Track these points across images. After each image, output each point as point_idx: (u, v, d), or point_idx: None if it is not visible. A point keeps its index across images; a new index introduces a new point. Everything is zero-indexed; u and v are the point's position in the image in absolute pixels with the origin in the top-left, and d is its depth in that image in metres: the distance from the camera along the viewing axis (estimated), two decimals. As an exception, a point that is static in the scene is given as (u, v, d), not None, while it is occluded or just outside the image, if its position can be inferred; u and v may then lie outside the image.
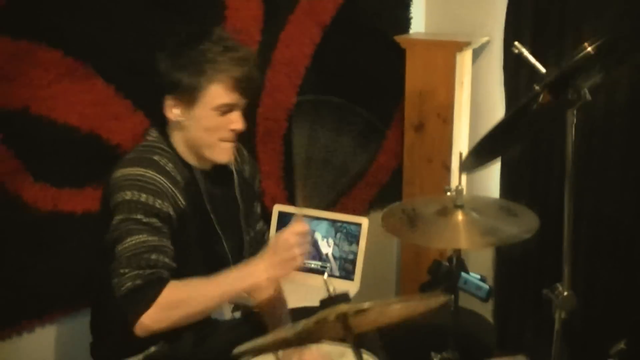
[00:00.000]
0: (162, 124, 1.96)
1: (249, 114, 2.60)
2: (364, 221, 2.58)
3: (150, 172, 1.81)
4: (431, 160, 2.99)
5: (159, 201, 1.78)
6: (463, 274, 1.90)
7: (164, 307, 1.70)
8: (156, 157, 1.86)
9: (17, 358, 2.25)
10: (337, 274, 2.59)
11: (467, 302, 3.00)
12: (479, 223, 1.84)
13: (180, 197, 1.85)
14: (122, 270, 1.71)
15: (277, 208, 2.69)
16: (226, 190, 2.06)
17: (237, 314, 2.33)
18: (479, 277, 1.96)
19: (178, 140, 1.92)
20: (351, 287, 2.53)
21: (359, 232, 2.57)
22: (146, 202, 1.76)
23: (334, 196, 2.90)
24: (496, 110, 2.95)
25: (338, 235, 2.61)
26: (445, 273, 1.91)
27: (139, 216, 1.75)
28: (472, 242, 1.83)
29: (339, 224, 2.62)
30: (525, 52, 1.65)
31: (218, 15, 2.46)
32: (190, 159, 1.94)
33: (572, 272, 1.56)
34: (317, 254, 2.64)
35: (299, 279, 2.51)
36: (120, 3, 2.22)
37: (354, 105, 2.69)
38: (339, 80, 2.91)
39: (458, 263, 1.89)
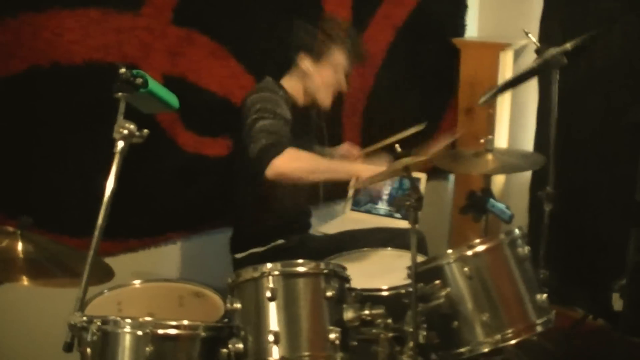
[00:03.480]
0: (275, 74, 2.75)
1: (338, 94, 3.39)
2: (423, 176, 3.33)
3: (270, 93, 2.59)
4: (478, 138, 3.71)
5: (279, 108, 2.53)
6: (490, 199, 2.62)
7: (289, 157, 2.37)
8: (271, 86, 2.65)
9: (162, 264, 3.01)
10: (399, 215, 3.34)
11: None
12: (501, 160, 2.59)
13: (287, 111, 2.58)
14: (257, 137, 2.41)
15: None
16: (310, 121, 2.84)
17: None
18: (504, 205, 2.67)
19: (295, 84, 2.71)
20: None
21: (419, 183, 3.32)
22: (272, 108, 2.51)
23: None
24: (531, 99, 3.67)
25: (402, 186, 3.36)
26: (477, 198, 2.63)
27: (267, 113, 2.49)
28: (495, 169, 2.60)
29: (402, 178, 3.35)
30: (530, 34, 2.41)
31: (316, 15, 3.16)
32: (296, 99, 2.72)
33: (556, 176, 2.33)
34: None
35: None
36: (251, 6, 3.00)
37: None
38: (407, 71, 3.68)
39: (486, 191, 2.63)
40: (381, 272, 2.52)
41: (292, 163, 2.38)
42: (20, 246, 1.96)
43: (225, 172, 2.95)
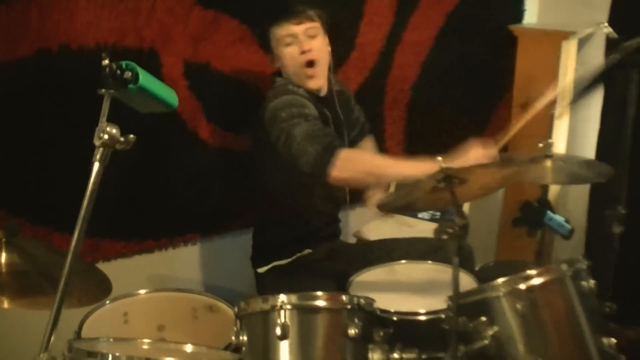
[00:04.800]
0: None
1: (378, 85, 3.10)
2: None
3: (291, 95, 2.32)
4: (534, 136, 3.37)
5: (306, 109, 2.26)
6: (548, 212, 2.29)
7: (345, 159, 2.10)
8: (290, 87, 2.37)
9: (180, 267, 2.79)
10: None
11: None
12: (563, 168, 2.24)
13: (315, 109, 2.32)
14: (306, 148, 2.14)
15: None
16: (332, 107, 2.51)
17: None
18: (563, 218, 2.34)
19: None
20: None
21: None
22: (298, 111, 2.24)
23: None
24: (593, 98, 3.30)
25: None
26: (533, 210, 2.31)
27: (295, 119, 2.22)
28: (555, 178, 2.25)
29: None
30: (609, 29, 2.06)
31: (360, 1, 2.94)
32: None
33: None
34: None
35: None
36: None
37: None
38: (457, 60, 3.35)
39: (544, 202, 2.30)
40: (419, 290, 2.26)
41: (347, 165, 2.11)
42: (3, 258, 1.72)
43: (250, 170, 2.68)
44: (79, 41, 2.30)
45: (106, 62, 1.43)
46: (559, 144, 3.35)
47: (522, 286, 1.69)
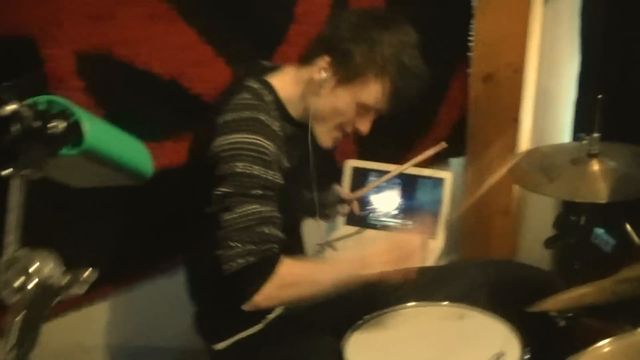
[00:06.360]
0: (259, 71, 1.76)
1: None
2: (447, 175, 2.43)
3: (260, 139, 1.58)
4: (499, 113, 2.87)
5: (271, 172, 1.59)
6: (595, 228, 1.78)
7: (276, 286, 1.58)
8: (262, 117, 1.62)
9: (95, 333, 2.10)
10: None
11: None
12: (619, 172, 1.71)
13: (284, 159, 1.66)
14: (232, 244, 1.54)
15: (351, 163, 2.54)
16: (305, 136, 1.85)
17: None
18: (603, 230, 1.84)
19: (294, 92, 1.73)
20: (434, 245, 2.41)
21: (441, 187, 2.43)
22: (258, 174, 1.56)
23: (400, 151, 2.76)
24: (565, 61, 2.83)
25: (418, 190, 2.47)
26: (573, 226, 1.78)
27: (250, 190, 1.56)
28: (617, 192, 1.69)
29: (418, 179, 2.48)
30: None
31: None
32: (294, 112, 1.74)
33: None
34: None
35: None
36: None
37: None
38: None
39: (592, 215, 1.77)
40: (445, 353, 1.67)
41: (277, 293, 1.60)
42: None
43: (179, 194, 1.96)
44: None
45: (13, 106, 0.68)
46: (525, 125, 2.89)
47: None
